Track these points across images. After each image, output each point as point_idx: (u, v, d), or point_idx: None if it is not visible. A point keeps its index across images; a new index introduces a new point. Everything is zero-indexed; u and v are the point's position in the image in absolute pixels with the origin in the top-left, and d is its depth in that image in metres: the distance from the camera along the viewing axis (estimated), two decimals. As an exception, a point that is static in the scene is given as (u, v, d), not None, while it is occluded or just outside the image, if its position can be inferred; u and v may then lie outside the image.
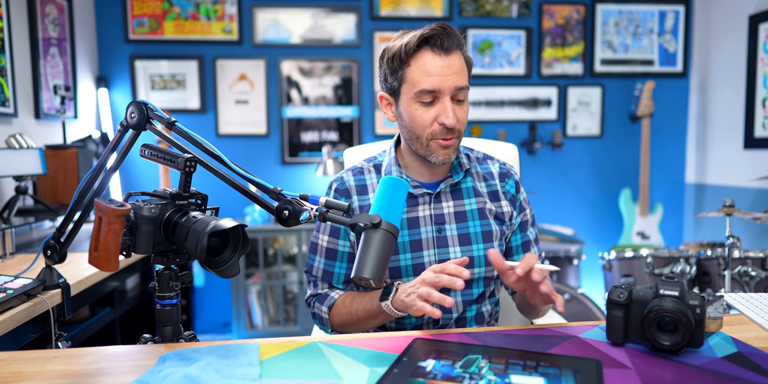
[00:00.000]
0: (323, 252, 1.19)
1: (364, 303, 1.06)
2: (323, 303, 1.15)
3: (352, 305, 1.09)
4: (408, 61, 1.06)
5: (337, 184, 1.20)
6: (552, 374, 0.72)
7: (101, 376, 0.75)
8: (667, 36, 3.43)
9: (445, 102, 1.05)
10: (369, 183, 1.19)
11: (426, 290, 0.89)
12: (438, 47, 1.04)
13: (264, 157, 3.26)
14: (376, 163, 1.22)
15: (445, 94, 1.05)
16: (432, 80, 1.04)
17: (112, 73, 3.13)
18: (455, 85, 1.05)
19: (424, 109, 1.06)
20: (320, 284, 1.20)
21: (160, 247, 0.87)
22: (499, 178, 1.21)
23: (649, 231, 3.27)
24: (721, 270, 2.12)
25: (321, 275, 1.19)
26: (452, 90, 1.05)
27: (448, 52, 1.05)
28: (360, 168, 1.22)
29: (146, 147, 0.90)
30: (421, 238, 1.13)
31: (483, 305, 1.17)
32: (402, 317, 1.14)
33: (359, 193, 1.17)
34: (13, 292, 1.12)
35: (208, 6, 3.13)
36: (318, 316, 1.16)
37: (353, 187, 1.18)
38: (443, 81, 1.04)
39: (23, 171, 1.97)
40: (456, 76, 1.05)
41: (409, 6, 3.25)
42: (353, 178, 1.20)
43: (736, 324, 0.95)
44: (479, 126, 3.36)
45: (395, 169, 1.16)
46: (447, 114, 1.05)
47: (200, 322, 3.27)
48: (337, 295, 1.15)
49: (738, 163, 3.07)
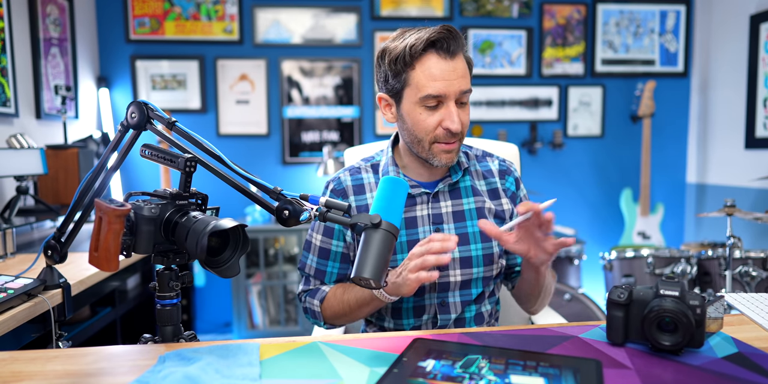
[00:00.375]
0: (316, 251, 1.19)
1: (356, 292, 1.06)
2: (314, 296, 1.15)
3: (344, 295, 1.09)
4: (413, 64, 1.04)
5: (334, 185, 1.20)
6: (552, 374, 0.72)
7: (101, 375, 0.75)
8: (668, 36, 3.42)
9: (450, 107, 1.04)
10: (366, 182, 1.18)
11: (414, 263, 0.92)
12: (444, 51, 1.03)
13: (265, 157, 3.26)
14: (374, 162, 1.22)
15: (450, 98, 1.04)
16: (438, 85, 1.02)
17: (113, 73, 3.14)
18: (460, 89, 1.04)
19: (429, 113, 1.05)
20: (312, 281, 1.20)
21: (160, 247, 0.87)
22: (498, 175, 1.21)
23: (650, 231, 3.27)
24: (722, 270, 2.12)
25: (313, 273, 1.20)
26: (457, 94, 1.04)
27: (453, 56, 1.04)
28: (357, 168, 1.22)
29: (146, 147, 0.90)
30: (419, 237, 1.12)
31: (483, 305, 1.17)
32: (400, 318, 1.14)
33: (356, 193, 1.17)
34: (14, 292, 1.12)
35: (209, 6, 3.13)
36: (310, 309, 1.16)
37: (350, 187, 1.18)
38: (449, 86, 1.03)
39: (24, 171, 1.97)
40: (461, 79, 1.04)
41: (409, 6, 3.25)
42: (350, 177, 1.19)
43: (737, 324, 0.95)
44: (480, 126, 3.36)
45: (392, 169, 1.16)
46: (452, 119, 1.04)
47: (201, 321, 3.27)
48: (328, 287, 1.16)
49: (739, 163, 3.07)
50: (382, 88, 1.12)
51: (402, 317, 1.14)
